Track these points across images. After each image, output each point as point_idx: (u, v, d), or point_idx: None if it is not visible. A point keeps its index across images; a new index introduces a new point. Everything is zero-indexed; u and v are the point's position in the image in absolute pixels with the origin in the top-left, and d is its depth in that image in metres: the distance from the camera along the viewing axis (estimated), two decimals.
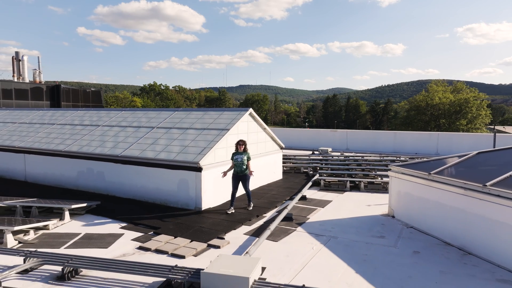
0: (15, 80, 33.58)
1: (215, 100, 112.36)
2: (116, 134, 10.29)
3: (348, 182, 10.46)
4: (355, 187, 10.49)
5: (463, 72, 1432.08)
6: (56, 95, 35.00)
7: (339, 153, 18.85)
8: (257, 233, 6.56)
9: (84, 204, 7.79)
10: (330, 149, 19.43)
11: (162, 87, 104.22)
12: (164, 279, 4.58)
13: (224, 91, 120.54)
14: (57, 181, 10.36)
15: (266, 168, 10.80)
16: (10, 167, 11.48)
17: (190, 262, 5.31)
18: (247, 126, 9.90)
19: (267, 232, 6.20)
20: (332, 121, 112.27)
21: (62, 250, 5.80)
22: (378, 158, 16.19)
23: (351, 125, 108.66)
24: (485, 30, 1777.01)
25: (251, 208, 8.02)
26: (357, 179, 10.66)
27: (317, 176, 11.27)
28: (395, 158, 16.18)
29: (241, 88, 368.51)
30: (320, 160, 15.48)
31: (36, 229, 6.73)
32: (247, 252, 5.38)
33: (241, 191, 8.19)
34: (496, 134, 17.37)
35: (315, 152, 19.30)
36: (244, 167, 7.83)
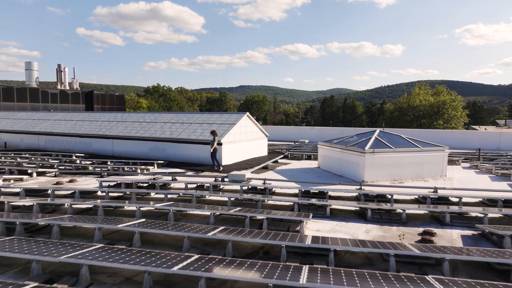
0: (58, 87, 41.09)
1: (216, 101, 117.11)
2: (170, 127, 17.73)
3: (305, 155, 17.91)
4: (309, 158, 17.91)
5: (462, 73, 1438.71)
6: (90, 99, 42.49)
7: (313, 144, 26.23)
8: None
9: (162, 162, 15.27)
10: (307, 141, 26.84)
11: (165, 88, 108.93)
12: (213, 179, 11.98)
13: (225, 92, 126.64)
14: (134, 155, 17.76)
15: (256, 148, 18.23)
16: (102, 147, 18.92)
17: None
18: (246, 123, 17.31)
19: (252, 170, 13.65)
20: (330, 121, 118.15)
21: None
22: None
23: (348, 125, 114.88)
24: (483, 31, 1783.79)
25: (217, 169, 14.28)
26: (311, 153, 18.10)
27: (287, 152, 18.71)
28: None
29: (241, 88, 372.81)
30: (295, 146, 22.90)
31: (145, 170, 14.13)
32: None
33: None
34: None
35: (296, 143, 26.72)
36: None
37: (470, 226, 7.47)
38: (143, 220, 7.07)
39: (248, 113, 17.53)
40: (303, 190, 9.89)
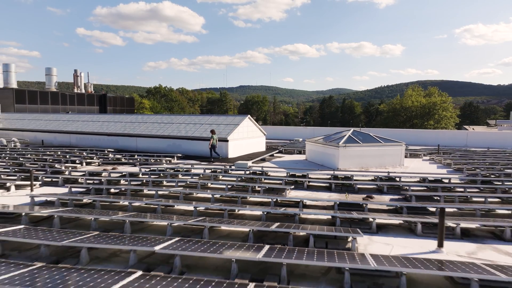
0: (75, 90, 44.80)
1: (216, 101, 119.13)
2: (184, 127, 21.42)
3: (296, 150, 21.61)
4: (300, 153, 21.60)
5: (462, 73, 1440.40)
6: (103, 101, 46.18)
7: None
8: None
9: (180, 155, 18.97)
10: (301, 139, 30.53)
11: (166, 89, 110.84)
12: (223, 166, 15.66)
13: (225, 93, 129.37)
14: (155, 150, 21.43)
15: (256, 144, 21.93)
16: (127, 144, 22.61)
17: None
18: (247, 123, 21.00)
19: (253, 160, 17.34)
20: (328, 121, 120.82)
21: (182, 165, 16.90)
22: None
23: (346, 125, 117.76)
24: (483, 31, 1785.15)
25: (212, 160, 18.23)
26: (301, 149, 21.78)
27: (282, 148, 22.42)
28: None
29: (242, 88, 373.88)
30: (289, 143, 26.60)
31: (168, 161, 17.79)
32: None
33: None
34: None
35: (291, 141, 30.42)
36: (213, 142, 18.34)
37: (399, 193, 11.15)
38: (181, 188, 10.77)
39: (249, 115, 21.22)
40: (290, 173, 13.55)
